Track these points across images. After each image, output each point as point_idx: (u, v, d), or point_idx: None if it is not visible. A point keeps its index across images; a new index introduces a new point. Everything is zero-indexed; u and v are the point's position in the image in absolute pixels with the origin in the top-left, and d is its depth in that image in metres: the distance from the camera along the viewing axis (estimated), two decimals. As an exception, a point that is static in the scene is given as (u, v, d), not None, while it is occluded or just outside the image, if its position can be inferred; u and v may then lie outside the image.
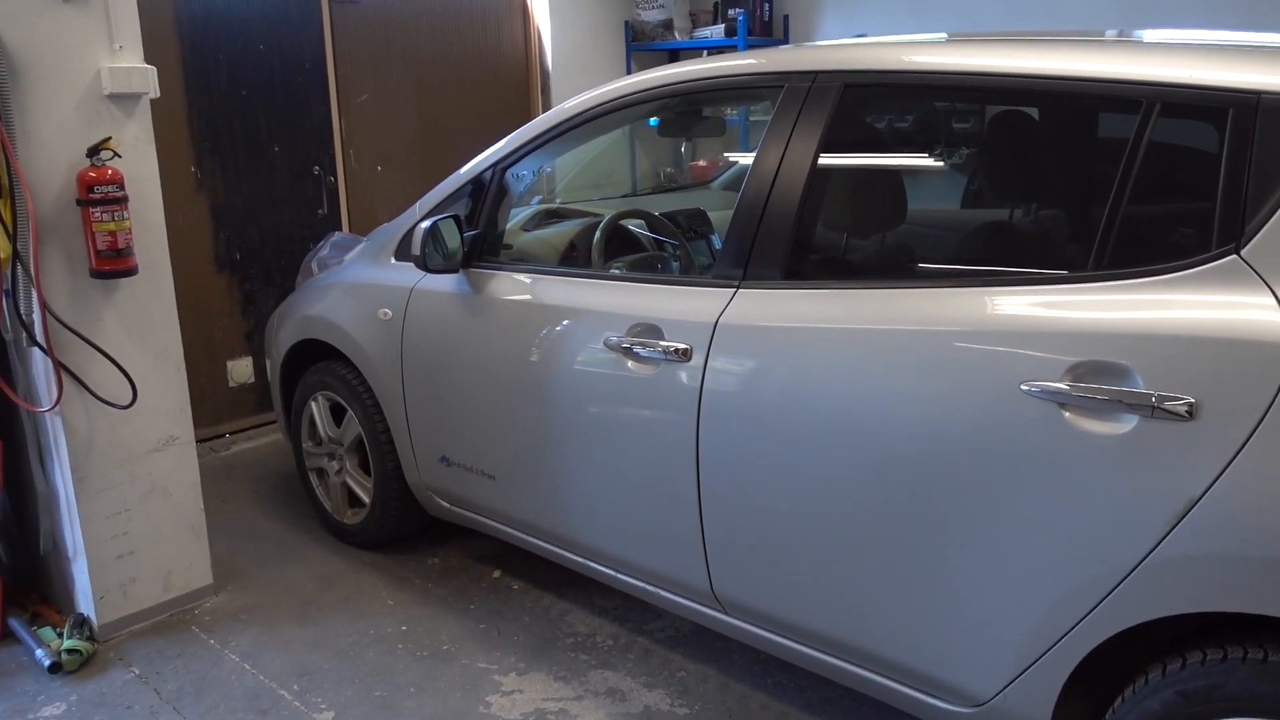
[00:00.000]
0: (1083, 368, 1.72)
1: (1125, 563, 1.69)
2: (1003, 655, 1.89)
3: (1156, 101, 1.75)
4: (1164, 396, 1.63)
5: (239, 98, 4.41)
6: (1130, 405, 1.66)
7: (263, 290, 4.64)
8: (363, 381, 3.25)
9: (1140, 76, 1.77)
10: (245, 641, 2.95)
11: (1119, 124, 1.81)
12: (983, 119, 2.26)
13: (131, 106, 2.78)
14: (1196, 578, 1.63)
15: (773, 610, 2.27)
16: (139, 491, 2.96)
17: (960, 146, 2.34)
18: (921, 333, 1.92)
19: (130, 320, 2.85)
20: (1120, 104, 1.80)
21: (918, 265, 2.24)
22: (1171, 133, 1.76)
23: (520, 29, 5.52)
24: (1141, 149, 1.76)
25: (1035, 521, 1.79)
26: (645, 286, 2.50)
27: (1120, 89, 1.79)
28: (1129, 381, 1.67)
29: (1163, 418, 1.63)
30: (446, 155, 5.19)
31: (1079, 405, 1.72)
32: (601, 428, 2.52)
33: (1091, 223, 1.81)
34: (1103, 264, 1.78)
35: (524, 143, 2.84)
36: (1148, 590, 1.68)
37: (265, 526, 3.70)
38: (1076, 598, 1.76)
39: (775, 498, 2.17)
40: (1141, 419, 1.66)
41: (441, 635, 2.96)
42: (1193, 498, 1.61)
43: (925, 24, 5.15)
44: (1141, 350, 1.67)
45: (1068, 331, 1.76)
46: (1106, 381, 1.70)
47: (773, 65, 2.33)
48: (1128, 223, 1.77)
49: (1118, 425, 1.69)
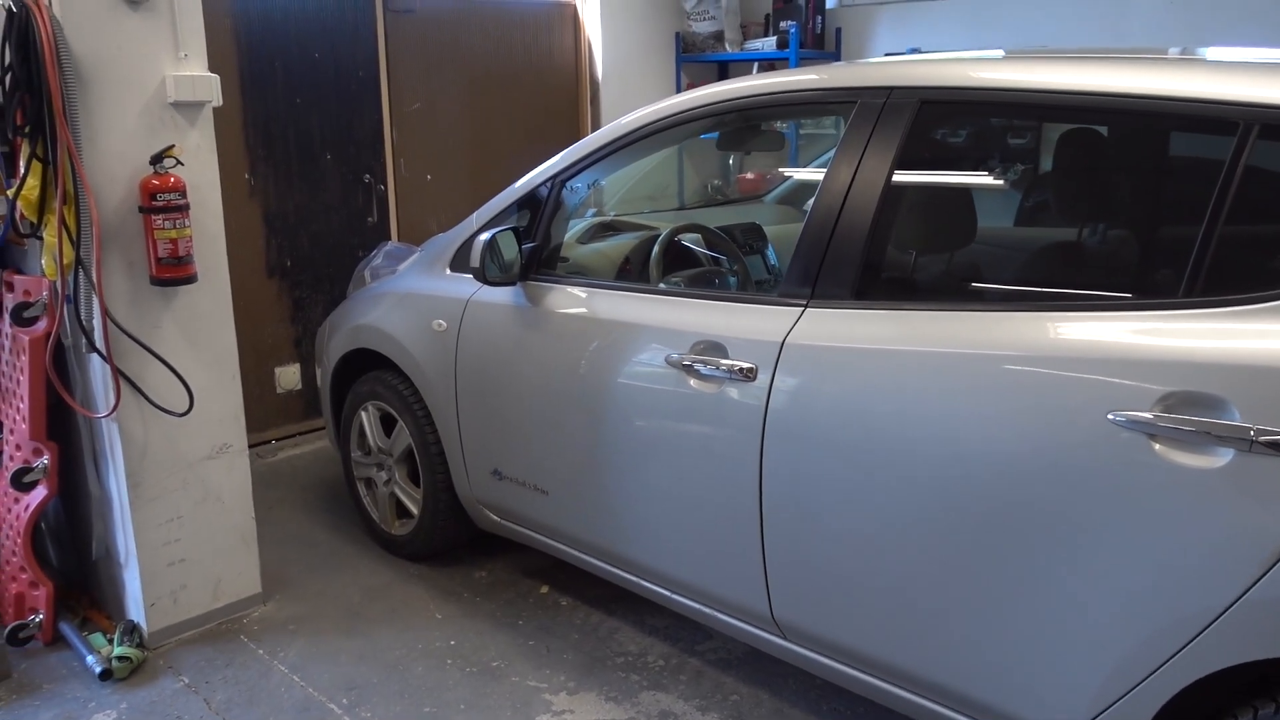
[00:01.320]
0: (1174, 398, 1.66)
1: (1218, 602, 1.63)
2: (1083, 694, 1.82)
3: (1255, 123, 1.69)
4: (1263, 430, 1.56)
5: (293, 105, 4.43)
6: (1226, 439, 1.60)
7: (312, 297, 4.65)
8: (415, 392, 3.23)
9: (1238, 97, 1.71)
10: (293, 652, 2.93)
11: (1214, 145, 1.74)
12: (1069, 139, 2.20)
13: (195, 114, 2.78)
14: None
15: (837, 638, 2.22)
16: (192, 499, 2.95)
17: (1043, 167, 2.28)
18: (1001, 357, 1.87)
19: (188, 328, 2.85)
20: (1216, 125, 1.73)
21: (997, 288, 2.18)
22: (1270, 155, 1.70)
23: (571, 39, 5.51)
24: (1239, 171, 1.70)
25: (1122, 556, 1.72)
26: (708, 303, 2.46)
27: (1217, 109, 1.73)
28: (1224, 414, 1.61)
29: (1261, 452, 1.57)
30: (496, 165, 5.19)
31: (1170, 437, 1.66)
32: (661, 446, 2.48)
33: (1184, 247, 1.75)
34: (1195, 290, 1.72)
35: (583, 156, 2.81)
36: (1240, 632, 1.61)
37: (312, 535, 3.69)
38: (1164, 637, 1.69)
39: (842, 522, 2.12)
40: (1238, 453, 1.59)
41: (490, 651, 2.93)
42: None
43: (980, 40, 5.08)
44: (1238, 381, 1.60)
45: (1159, 360, 1.69)
46: (1200, 413, 1.63)
47: (846, 80, 2.28)
48: (1223, 248, 1.71)
49: (1212, 459, 1.62)
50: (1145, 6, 4.56)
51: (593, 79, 5.59)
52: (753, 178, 5.44)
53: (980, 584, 1.92)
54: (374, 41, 4.66)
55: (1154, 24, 4.55)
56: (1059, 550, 1.80)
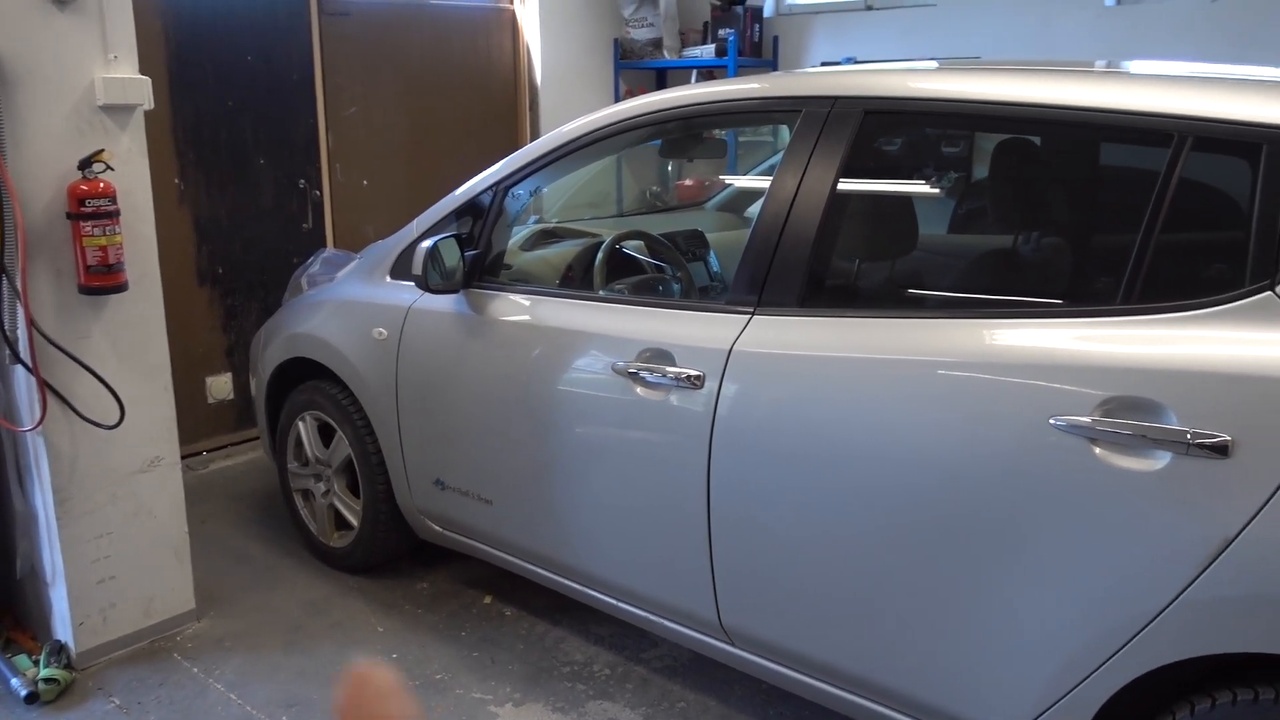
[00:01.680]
0: (1114, 403, 1.70)
1: (1157, 602, 1.67)
2: (1027, 692, 1.85)
3: (1189, 135, 1.74)
4: (1199, 434, 1.61)
5: (225, 108, 4.33)
6: (1164, 442, 1.64)
7: (245, 305, 4.54)
8: (354, 401, 3.18)
9: (1173, 110, 1.76)
10: (230, 670, 2.86)
11: (1150, 156, 1.79)
12: (1008, 148, 2.25)
13: (125, 118, 2.70)
14: (1230, 618, 1.61)
15: (785, 643, 2.23)
16: (122, 514, 2.86)
17: (984, 176, 2.32)
18: (946, 363, 1.89)
19: (119, 338, 2.76)
20: (1152, 136, 1.78)
21: (941, 295, 2.21)
22: (1204, 166, 1.75)
23: (509, 44, 5.48)
24: (1173, 182, 1.75)
25: (1064, 558, 1.76)
26: (654, 311, 2.46)
27: (1153, 122, 1.78)
28: (1162, 418, 1.65)
29: (1198, 455, 1.61)
30: (434, 170, 5.14)
31: (1110, 441, 1.70)
32: (607, 454, 2.47)
33: (1121, 255, 1.79)
34: (1133, 298, 1.76)
35: (527, 163, 2.79)
36: (1179, 630, 1.66)
37: (247, 549, 3.61)
38: (1106, 636, 1.73)
39: (790, 529, 2.13)
40: (1175, 456, 1.64)
41: (434, 664, 2.88)
42: (1228, 537, 1.59)
43: (914, 51, 5.16)
44: (1176, 386, 1.65)
45: (1098, 366, 1.73)
46: (1139, 417, 1.68)
47: (791, 90, 2.30)
48: (1159, 256, 1.76)
49: (1150, 462, 1.67)
50: (1073, 21, 4.69)
51: (531, 84, 5.56)
52: (691, 184, 5.46)
53: (926, 587, 1.95)
54: (309, 43, 4.58)
55: (1081, 37, 4.67)
56: (1003, 553, 1.83)
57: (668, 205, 4.95)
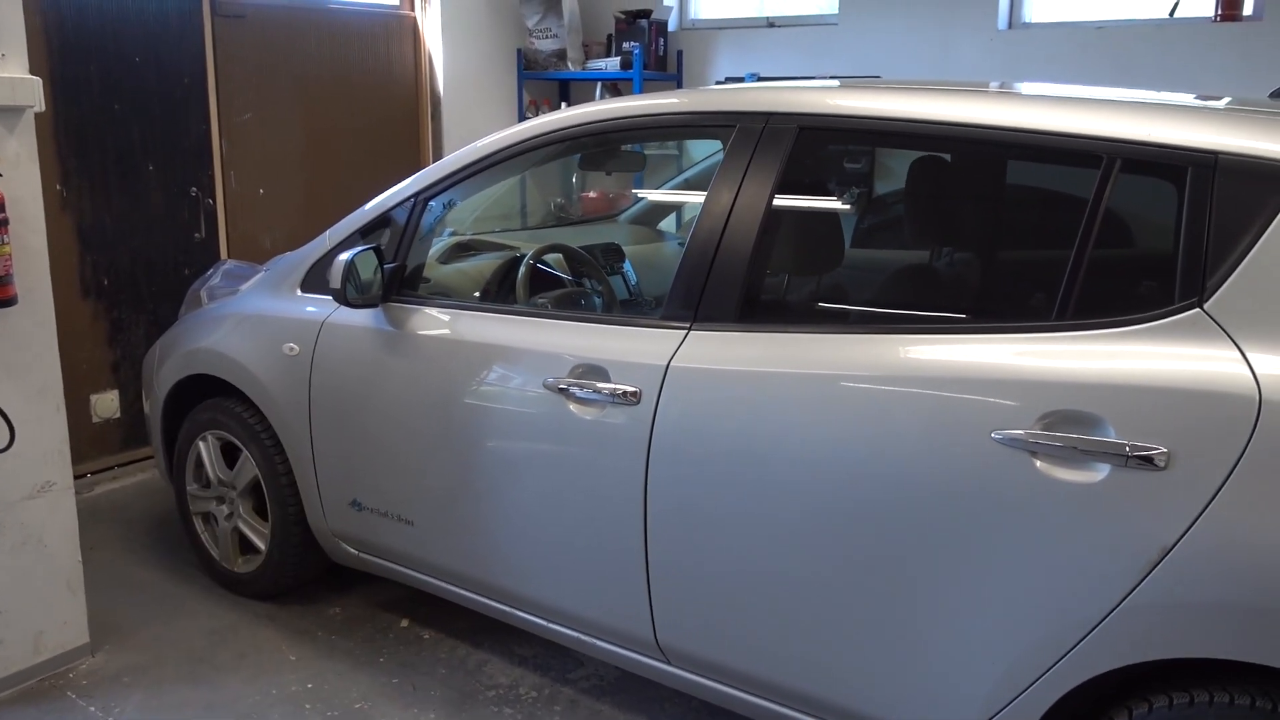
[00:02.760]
0: (1053, 416, 1.74)
1: (1097, 610, 1.71)
2: (970, 703, 1.88)
3: (1118, 157, 1.81)
4: (1137, 446, 1.66)
5: (111, 112, 4.10)
6: (1103, 454, 1.69)
7: (132, 318, 4.31)
8: (261, 420, 3.04)
9: (1103, 133, 1.82)
10: (131, 707, 2.69)
11: (1082, 177, 1.85)
12: (941, 167, 2.29)
13: (14, 121, 2.53)
14: (1169, 624, 1.66)
15: (724, 661, 2.22)
16: (9, 544, 2.67)
17: (919, 194, 2.36)
18: (887, 378, 1.92)
19: (6, 355, 2.57)
20: (1083, 158, 1.84)
21: (881, 310, 2.24)
22: (1132, 188, 1.82)
23: (410, 51, 5.36)
24: (1103, 203, 1.81)
25: (1006, 569, 1.80)
26: (586, 325, 2.43)
27: (1084, 144, 1.83)
28: (1100, 431, 1.70)
29: (1136, 467, 1.66)
30: (333, 179, 4.98)
31: (1050, 454, 1.74)
32: (538, 472, 2.42)
33: (1055, 272, 1.84)
34: (1067, 314, 1.81)
35: (450, 173, 2.72)
36: (1119, 637, 1.71)
37: (142, 576, 3.41)
38: (1047, 645, 1.77)
39: (730, 544, 2.12)
40: (1114, 468, 1.69)
41: (352, 692, 2.77)
42: (1165, 546, 1.65)
43: (815, 68, 5.27)
44: (1113, 400, 1.70)
45: (1037, 380, 1.78)
46: (1078, 430, 1.72)
47: (725, 105, 2.30)
48: (1091, 274, 1.81)
49: (1090, 474, 1.71)
50: (967, 43, 4.85)
51: (433, 93, 5.45)
52: (596, 197, 5.44)
53: (869, 602, 1.96)
54: (201, 46, 4.38)
55: (975, 59, 4.84)
56: (946, 565, 1.86)
57: (574, 219, 4.92)
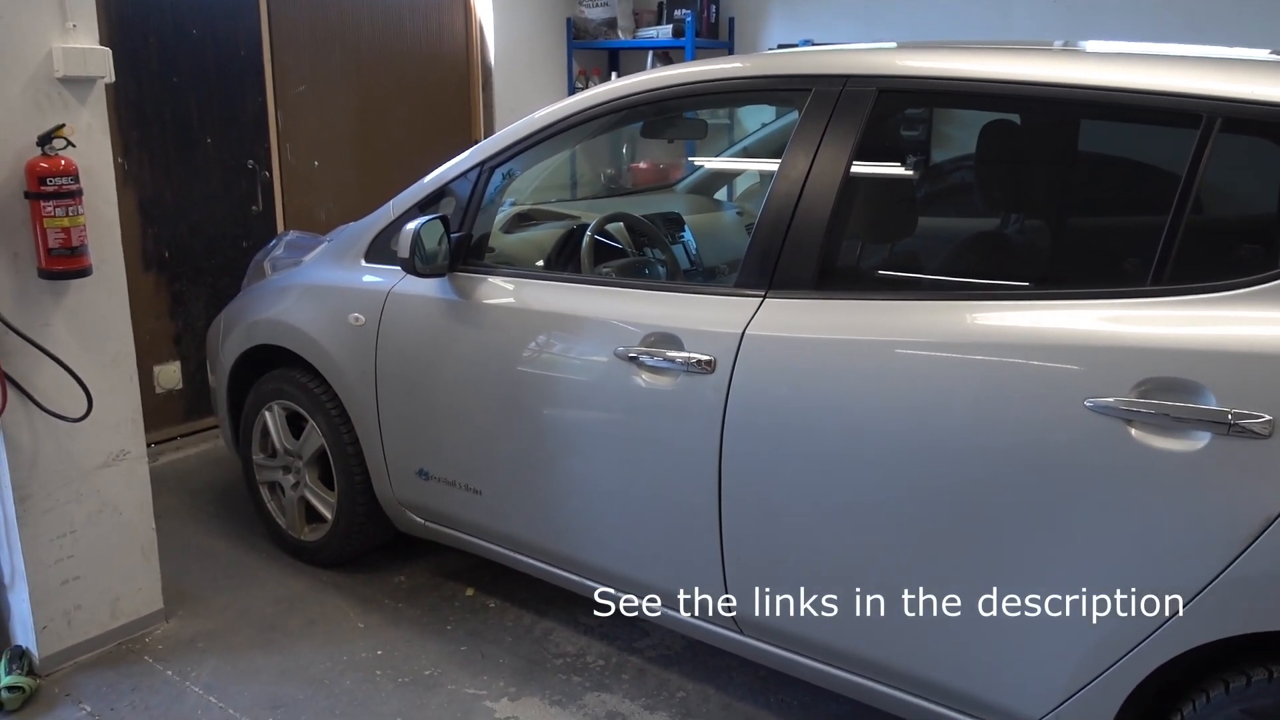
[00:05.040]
0: (1151, 384, 1.70)
1: (1196, 582, 1.67)
2: (1058, 675, 1.85)
3: (1218, 116, 1.74)
4: (1240, 414, 1.61)
5: (169, 85, 4.12)
6: (1204, 422, 1.65)
7: (192, 291, 4.35)
8: (327, 390, 3.05)
9: (1205, 91, 1.75)
10: (206, 672, 2.73)
11: (1180, 138, 1.79)
12: (1029, 130, 2.23)
13: (86, 91, 2.54)
14: (1271, 596, 1.62)
15: (799, 630, 2.20)
16: (87, 511, 2.71)
17: (1009, 157, 2.30)
18: (976, 345, 1.88)
19: (82, 325, 2.60)
20: (1182, 118, 1.78)
21: (966, 277, 2.19)
22: (1233, 148, 1.76)
23: (461, 23, 5.34)
24: (1203, 164, 1.75)
25: (1099, 539, 1.76)
26: (657, 294, 2.41)
27: (1183, 103, 1.77)
28: (1201, 398, 1.66)
29: (1238, 435, 1.62)
30: (386, 151, 4.98)
31: (1147, 422, 1.70)
32: (609, 441, 2.41)
33: (1152, 237, 1.79)
34: (1164, 279, 1.76)
35: (514, 142, 2.70)
36: (1219, 609, 1.67)
37: (210, 544, 3.46)
38: (1142, 617, 1.73)
39: (808, 514, 2.10)
40: (1215, 436, 1.64)
41: (422, 659, 2.80)
42: (1270, 516, 1.60)
43: (872, 33, 5.17)
44: (1214, 367, 1.65)
45: (1133, 347, 1.73)
46: (1177, 398, 1.68)
47: (800, 68, 2.26)
48: (1189, 238, 1.76)
49: (1189, 442, 1.67)
50: (1027, 4, 4.73)
51: (484, 64, 5.43)
52: (646, 167, 5.40)
53: (954, 573, 1.93)
54: (256, 18, 4.39)
55: (1036, 20, 4.72)
56: (1035, 536, 1.83)
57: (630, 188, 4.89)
